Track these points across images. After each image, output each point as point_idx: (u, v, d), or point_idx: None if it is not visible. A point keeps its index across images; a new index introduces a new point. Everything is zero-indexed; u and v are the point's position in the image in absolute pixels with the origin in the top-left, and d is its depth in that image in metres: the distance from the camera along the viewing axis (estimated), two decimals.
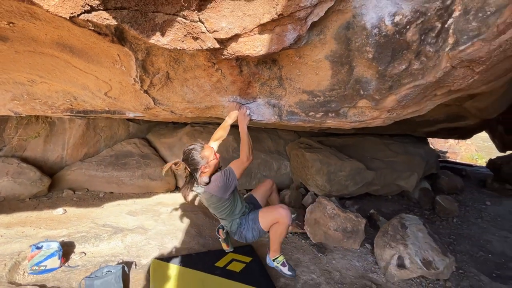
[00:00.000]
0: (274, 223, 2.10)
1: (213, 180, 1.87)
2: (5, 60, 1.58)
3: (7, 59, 1.57)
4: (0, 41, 1.36)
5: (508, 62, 1.41)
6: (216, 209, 2.05)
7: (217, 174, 1.91)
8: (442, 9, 1.33)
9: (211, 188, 1.88)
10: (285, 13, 1.23)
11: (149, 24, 1.17)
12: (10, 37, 1.35)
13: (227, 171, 1.94)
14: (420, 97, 1.65)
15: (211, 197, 1.93)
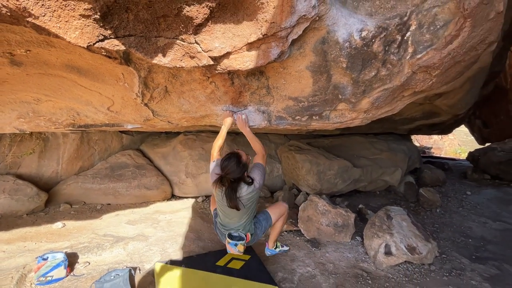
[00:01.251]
0: (279, 217, 2.44)
1: (255, 176, 2.00)
2: (16, 82, 1.72)
3: (18, 81, 1.71)
4: (15, 65, 1.51)
5: (459, 66, 1.66)
6: (253, 205, 2.16)
7: (255, 171, 2.04)
8: (400, 24, 1.58)
9: (256, 186, 2.00)
10: (269, 33, 1.44)
11: (152, 47, 1.36)
12: (24, 62, 1.50)
13: (260, 166, 2.08)
14: (390, 99, 1.89)
15: (256, 193, 2.05)
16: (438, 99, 2.81)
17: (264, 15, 1.39)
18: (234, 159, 1.90)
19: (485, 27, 1.47)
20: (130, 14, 1.19)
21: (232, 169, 1.89)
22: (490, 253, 3.39)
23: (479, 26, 1.45)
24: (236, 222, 2.20)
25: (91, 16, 1.09)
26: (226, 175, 1.90)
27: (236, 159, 1.90)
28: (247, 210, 2.13)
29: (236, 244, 2.15)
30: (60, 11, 1.02)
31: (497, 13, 1.42)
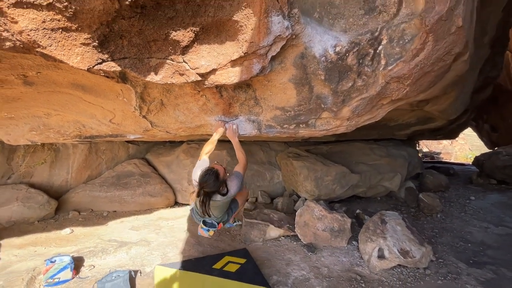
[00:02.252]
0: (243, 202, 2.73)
1: (231, 187, 2.13)
2: (28, 99, 1.94)
3: (30, 98, 1.93)
4: (28, 85, 1.71)
5: (429, 76, 1.78)
6: (224, 207, 2.29)
7: (233, 180, 2.15)
8: (372, 39, 1.72)
9: (231, 194, 2.14)
10: (249, 51, 1.61)
11: (145, 67, 1.53)
12: (36, 82, 1.71)
13: (239, 175, 2.20)
14: (369, 107, 2.01)
15: (230, 198, 2.18)
16: (426, 105, 2.90)
17: (243, 36, 1.56)
18: (212, 176, 2.01)
19: (448, 40, 1.59)
20: (124, 40, 1.38)
21: (210, 185, 2.01)
22: (488, 257, 3.37)
23: (441, 39, 1.57)
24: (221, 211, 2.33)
25: (90, 44, 1.28)
26: (202, 189, 2.02)
27: (214, 176, 2.01)
28: (221, 210, 2.27)
29: (208, 230, 2.32)
30: (64, 41, 1.20)
31: (457, 28, 1.54)
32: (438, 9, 1.48)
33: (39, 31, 1.12)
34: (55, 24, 1.14)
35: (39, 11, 1.08)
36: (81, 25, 1.19)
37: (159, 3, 1.27)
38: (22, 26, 1.07)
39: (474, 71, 3.08)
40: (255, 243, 3.52)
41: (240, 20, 1.49)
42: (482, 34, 3.03)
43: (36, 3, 1.04)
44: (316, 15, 1.77)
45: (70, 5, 1.10)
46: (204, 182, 2.01)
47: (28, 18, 1.07)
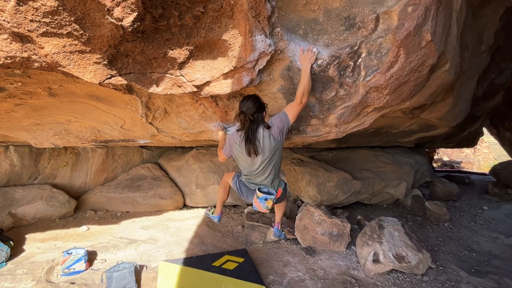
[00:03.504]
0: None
1: (273, 121, 1.95)
2: (52, 108, 2.25)
3: (54, 107, 2.24)
4: (52, 96, 2.02)
5: (407, 85, 1.89)
6: (275, 159, 2.05)
7: (274, 116, 1.99)
8: (352, 53, 1.87)
9: (273, 130, 1.93)
10: (238, 66, 1.81)
11: (148, 80, 1.78)
12: (58, 93, 2.01)
13: (282, 113, 1.98)
14: (354, 114, 2.14)
15: (276, 143, 1.96)
16: (422, 113, 2.97)
17: (232, 52, 1.77)
18: (251, 98, 1.94)
19: (420, 53, 1.72)
20: (129, 58, 1.63)
21: (251, 108, 1.91)
22: (492, 267, 3.31)
23: (413, 53, 1.70)
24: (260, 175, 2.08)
25: (101, 62, 1.53)
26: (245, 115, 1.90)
27: (254, 99, 1.93)
28: (270, 162, 2.02)
29: (266, 199, 2.03)
30: (80, 61, 1.47)
31: (427, 42, 1.66)
32: (407, 25, 1.63)
33: (60, 54, 1.38)
34: (73, 48, 1.40)
35: (61, 38, 1.34)
36: (93, 48, 1.45)
37: (157, 28, 1.52)
38: (47, 51, 1.34)
39: (471, 79, 3.10)
40: (255, 244, 3.66)
41: (229, 39, 1.70)
42: (478, 43, 3.07)
43: (58, 32, 1.31)
44: (301, 31, 1.96)
45: (85, 33, 1.36)
46: (245, 106, 1.92)
47: (52, 44, 1.34)
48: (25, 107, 2.19)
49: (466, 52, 2.69)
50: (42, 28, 1.27)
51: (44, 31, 1.28)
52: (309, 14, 1.94)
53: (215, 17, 1.60)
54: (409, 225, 4.47)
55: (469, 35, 2.72)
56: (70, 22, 1.30)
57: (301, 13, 1.94)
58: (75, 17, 1.29)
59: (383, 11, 1.77)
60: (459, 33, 2.28)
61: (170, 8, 1.46)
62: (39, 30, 1.27)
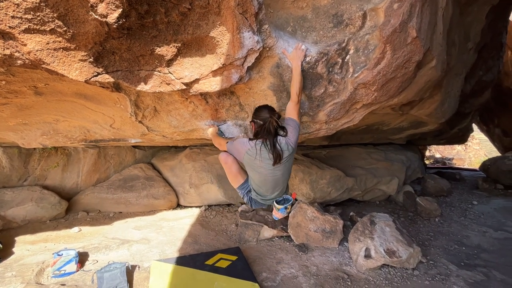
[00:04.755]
0: None
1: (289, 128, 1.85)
2: (39, 107, 2.21)
3: (41, 106, 2.20)
4: (38, 95, 1.98)
5: (395, 81, 1.92)
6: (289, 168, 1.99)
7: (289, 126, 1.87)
8: (340, 49, 1.89)
9: (291, 140, 1.84)
10: (227, 63, 1.81)
11: (135, 78, 1.76)
12: (45, 92, 1.98)
13: (291, 120, 1.90)
14: (343, 111, 2.16)
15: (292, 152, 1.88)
16: (411, 109, 3.01)
17: (221, 50, 1.76)
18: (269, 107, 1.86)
19: (406, 49, 1.74)
20: (116, 55, 1.61)
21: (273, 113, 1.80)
22: (481, 260, 3.38)
23: (399, 49, 1.72)
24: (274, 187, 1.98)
25: (87, 60, 1.51)
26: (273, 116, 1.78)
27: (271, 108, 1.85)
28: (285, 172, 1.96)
29: (285, 208, 2.02)
30: (65, 58, 1.44)
31: (413, 38, 1.69)
32: (393, 21, 1.65)
33: (44, 51, 1.36)
34: (57, 45, 1.38)
35: (44, 35, 1.32)
36: (78, 45, 1.43)
37: (143, 25, 1.50)
38: (30, 48, 1.32)
39: (459, 76, 3.16)
40: (249, 242, 3.66)
41: (216, 36, 1.70)
42: (465, 40, 3.13)
43: (41, 29, 1.29)
44: (290, 29, 1.97)
45: (69, 30, 1.34)
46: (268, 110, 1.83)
47: (35, 41, 1.31)
48: (10, 107, 2.15)
49: (453, 49, 2.74)
50: (24, 24, 1.25)
51: (27, 27, 1.26)
52: (298, 11, 1.95)
53: (202, 13, 1.59)
54: (401, 220, 4.53)
55: (456, 32, 2.76)
56: (53, 19, 1.28)
57: (290, 10, 1.95)
58: (58, 13, 1.27)
59: (370, 8, 1.79)
60: (445, 30, 2.31)
61: (156, 5, 1.45)
62: (21, 27, 1.25)
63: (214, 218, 4.61)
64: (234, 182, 2.23)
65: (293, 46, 1.91)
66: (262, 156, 1.82)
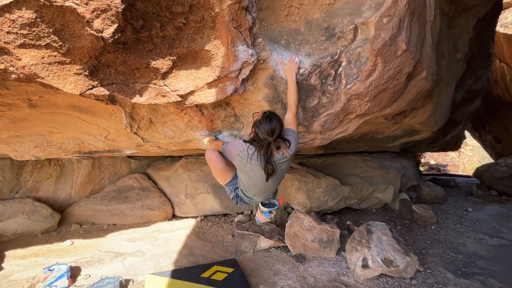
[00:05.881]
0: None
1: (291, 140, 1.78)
2: (33, 119, 2.20)
3: (35, 119, 2.19)
4: (32, 107, 1.97)
5: (386, 92, 1.96)
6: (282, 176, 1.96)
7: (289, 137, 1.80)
8: (332, 62, 1.93)
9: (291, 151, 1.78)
10: (222, 75, 1.83)
11: (131, 91, 1.77)
12: (39, 105, 1.97)
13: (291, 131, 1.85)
14: (337, 121, 2.19)
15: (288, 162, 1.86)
16: (404, 118, 3.06)
17: (216, 62, 1.79)
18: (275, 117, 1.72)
19: (397, 61, 1.79)
20: (111, 69, 1.62)
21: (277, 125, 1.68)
22: (478, 268, 3.37)
23: (390, 61, 1.77)
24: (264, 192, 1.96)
25: (82, 73, 1.52)
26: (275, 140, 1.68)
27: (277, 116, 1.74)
28: (278, 181, 1.93)
29: (269, 212, 2.01)
30: (60, 72, 1.45)
31: (403, 51, 1.74)
32: (383, 35, 1.69)
33: (39, 65, 1.37)
34: (52, 59, 1.39)
35: (39, 50, 1.33)
36: (73, 58, 1.44)
37: (139, 39, 1.52)
38: (24, 62, 1.32)
39: (449, 86, 3.24)
40: (245, 254, 3.61)
41: (211, 50, 1.73)
42: (455, 51, 3.22)
43: (37, 44, 1.30)
44: (283, 42, 2.01)
45: (64, 44, 1.35)
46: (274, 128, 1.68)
47: (30, 55, 1.32)
48: (3, 119, 2.13)
49: (442, 60, 2.82)
50: (20, 39, 1.26)
51: (22, 42, 1.27)
52: (291, 25, 2.00)
53: (197, 28, 1.62)
54: (398, 228, 4.52)
55: (445, 44, 2.85)
56: (49, 34, 1.29)
57: (283, 23, 2.00)
58: (53, 28, 1.29)
59: (361, 22, 1.85)
60: (434, 42, 2.39)
61: (152, 20, 1.48)
62: (16, 42, 1.26)
63: (210, 229, 4.55)
64: (220, 179, 2.19)
65: (287, 58, 1.95)
66: (253, 163, 1.77)
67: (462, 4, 2.82)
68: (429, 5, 2.04)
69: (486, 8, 3.17)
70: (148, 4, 1.39)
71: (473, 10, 2.99)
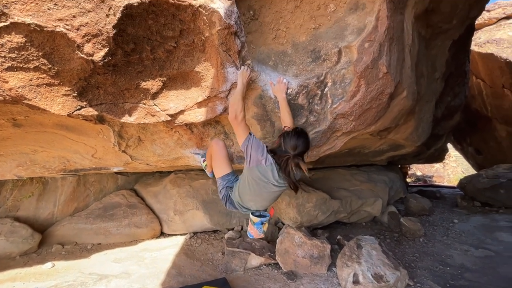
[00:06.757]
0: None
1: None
2: (17, 138, 2.15)
3: (18, 138, 2.13)
4: (16, 127, 1.93)
5: (370, 111, 2.05)
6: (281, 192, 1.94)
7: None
8: (318, 82, 2.01)
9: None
10: (211, 95, 1.87)
11: (120, 110, 1.77)
12: (24, 124, 1.93)
13: None
14: (325, 139, 2.25)
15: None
16: (388, 134, 3.17)
17: (205, 83, 1.83)
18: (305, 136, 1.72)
19: (379, 83, 1.89)
20: (100, 89, 1.63)
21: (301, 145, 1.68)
22: (465, 280, 3.42)
23: (372, 83, 1.87)
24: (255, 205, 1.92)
25: (71, 94, 1.52)
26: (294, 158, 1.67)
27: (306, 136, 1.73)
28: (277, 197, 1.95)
29: (262, 223, 1.92)
30: (47, 93, 1.45)
31: (384, 74, 1.84)
32: (365, 59, 1.79)
33: (26, 87, 1.36)
34: (40, 81, 1.39)
35: (27, 72, 1.33)
36: (62, 80, 1.44)
37: (129, 61, 1.55)
38: (11, 85, 1.31)
39: (429, 103, 3.42)
40: (236, 272, 3.53)
41: (201, 71, 1.77)
42: (433, 71, 3.42)
43: (25, 66, 1.30)
44: (271, 63, 2.08)
45: (53, 67, 1.36)
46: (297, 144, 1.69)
47: (17, 78, 1.32)
48: None
49: (422, 79, 2.97)
50: (7, 63, 1.26)
51: (10, 65, 1.27)
52: (278, 47, 2.08)
53: (187, 51, 1.67)
54: (387, 242, 4.56)
55: (424, 64, 3.02)
56: (38, 57, 1.30)
57: (271, 46, 2.08)
58: (43, 52, 1.30)
59: (344, 45, 1.95)
60: (413, 64, 2.53)
61: (142, 43, 1.51)
62: (4, 65, 1.25)
63: (200, 247, 4.44)
64: (217, 169, 2.08)
65: (275, 79, 2.01)
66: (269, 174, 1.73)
67: (438, 28, 3.03)
68: (406, 30, 2.18)
69: (460, 31, 3.41)
70: (139, 29, 1.43)
71: (448, 33, 3.21)
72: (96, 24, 1.26)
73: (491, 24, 8.87)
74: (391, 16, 1.80)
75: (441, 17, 2.93)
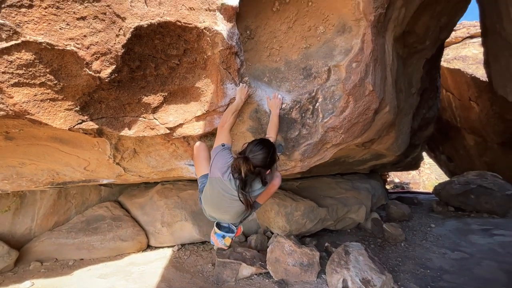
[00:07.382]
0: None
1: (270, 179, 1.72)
2: (6, 151, 2.08)
3: (8, 151, 2.07)
4: (8, 140, 1.89)
5: (357, 125, 2.22)
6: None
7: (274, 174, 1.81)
8: (310, 98, 2.15)
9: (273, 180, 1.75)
10: (210, 110, 1.95)
11: (120, 124, 1.80)
12: (16, 137, 1.89)
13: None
14: (316, 150, 2.39)
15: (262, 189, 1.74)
16: (372, 145, 3.39)
17: (205, 98, 1.91)
18: (268, 148, 1.58)
19: (366, 99, 2.06)
20: (102, 104, 1.66)
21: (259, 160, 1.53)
22: (445, 282, 3.64)
23: (359, 99, 2.04)
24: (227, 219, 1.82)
25: (73, 109, 1.54)
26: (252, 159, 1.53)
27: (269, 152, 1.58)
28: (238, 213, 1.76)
29: (223, 236, 1.83)
30: (50, 108, 1.46)
31: (370, 91, 2.02)
32: (353, 78, 1.96)
33: (30, 102, 1.37)
34: (44, 96, 1.40)
35: (33, 88, 1.35)
36: (66, 96, 1.46)
37: (133, 77, 1.60)
38: (16, 100, 1.32)
39: (407, 116, 3.71)
40: (227, 283, 3.53)
41: (201, 87, 1.85)
42: (410, 86, 3.73)
43: (31, 82, 1.32)
44: (266, 79, 2.21)
45: (59, 83, 1.38)
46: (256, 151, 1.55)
47: (22, 93, 1.33)
48: None
49: (401, 94, 3.23)
50: (14, 79, 1.27)
51: (16, 81, 1.28)
52: (272, 64, 2.22)
53: (189, 68, 1.75)
54: (372, 247, 4.74)
55: (402, 81, 3.29)
56: (45, 73, 1.33)
57: (266, 63, 2.21)
58: (51, 68, 1.33)
59: (334, 64, 2.12)
60: (393, 81, 2.76)
61: (147, 61, 1.58)
62: (11, 81, 1.27)
63: (189, 258, 4.38)
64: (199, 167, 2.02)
65: (270, 94, 2.13)
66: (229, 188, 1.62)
67: (413, 48, 3.33)
68: (388, 52, 2.40)
69: (432, 51, 3.77)
70: (146, 48, 1.50)
71: (422, 52, 3.53)
72: (106, 43, 1.31)
73: (457, 42, 9.72)
74: (375, 39, 1.99)
75: (416, 38, 3.23)
